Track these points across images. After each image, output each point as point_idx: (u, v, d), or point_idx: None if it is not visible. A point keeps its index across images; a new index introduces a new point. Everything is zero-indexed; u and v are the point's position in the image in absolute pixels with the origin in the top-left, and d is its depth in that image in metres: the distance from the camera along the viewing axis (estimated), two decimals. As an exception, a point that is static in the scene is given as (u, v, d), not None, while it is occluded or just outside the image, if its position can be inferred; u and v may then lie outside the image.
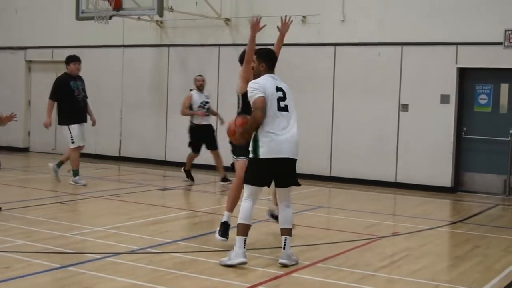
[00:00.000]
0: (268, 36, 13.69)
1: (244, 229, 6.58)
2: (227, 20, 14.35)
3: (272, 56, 6.89)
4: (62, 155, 12.15)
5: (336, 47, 13.23)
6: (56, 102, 11.78)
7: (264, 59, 6.80)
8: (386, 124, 12.73)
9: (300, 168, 7.67)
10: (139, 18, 14.50)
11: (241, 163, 7.24)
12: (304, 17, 13.49)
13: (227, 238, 7.27)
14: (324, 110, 13.30)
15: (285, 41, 13.30)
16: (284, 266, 6.61)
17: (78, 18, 14.19)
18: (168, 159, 15.14)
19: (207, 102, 12.33)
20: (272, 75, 6.79)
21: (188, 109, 12.28)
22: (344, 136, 13.14)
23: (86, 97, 12.00)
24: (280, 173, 6.73)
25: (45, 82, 17.03)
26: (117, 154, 15.62)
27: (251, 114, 6.63)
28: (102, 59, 15.88)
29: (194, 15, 14.20)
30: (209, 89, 12.98)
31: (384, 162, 12.75)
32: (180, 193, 11.54)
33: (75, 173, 11.71)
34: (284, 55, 13.45)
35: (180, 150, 14.83)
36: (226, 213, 7.35)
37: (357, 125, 12.99)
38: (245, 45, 14.19)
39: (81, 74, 12.12)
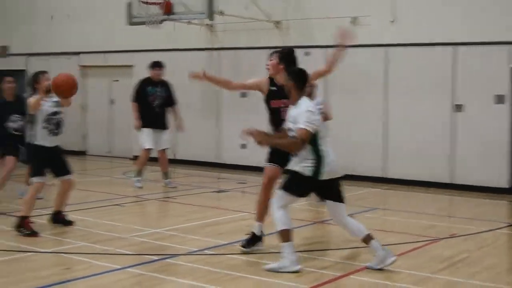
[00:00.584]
0: (317, 39, 13.79)
1: (290, 234, 6.50)
2: (277, 23, 14.37)
3: (305, 78, 6.69)
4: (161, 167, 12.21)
5: (387, 48, 13.13)
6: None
7: (296, 79, 6.63)
8: (440, 124, 12.57)
9: (353, 169, 7.66)
10: (189, 22, 14.62)
11: (268, 170, 7.19)
12: (354, 18, 13.41)
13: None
14: (376, 111, 13.21)
15: (334, 43, 13.41)
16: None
17: (129, 23, 14.38)
18: (222, 161, 15.24)
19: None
20: (305, 98, 6.65)
21: None
22: (398, 137, 13.03)
23: (171, 103, 12.07)
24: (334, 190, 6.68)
25: (98, 86, 17.41)
26: (171, 157, 15.76)
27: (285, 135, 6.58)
28: (154, 63, 16.08)
29: (244, 18, 14.26)
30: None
31: (439, 163, 12.59)
32: (235, 195, 11.59)
33: (138, 173, 11.86)
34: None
35: (233, 152, 14.94)
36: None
37: (410, 125, 12.87)
38: (295, 47, 14.30)
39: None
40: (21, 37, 18.72)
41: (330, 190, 6.60)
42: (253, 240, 7.19)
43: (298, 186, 6.51)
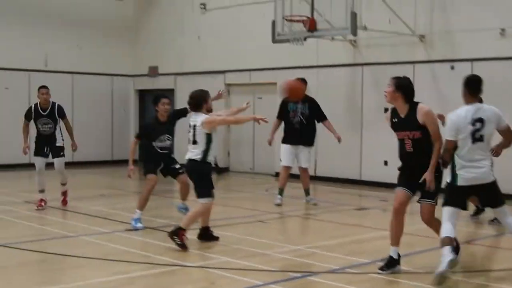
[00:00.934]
0: (464, 52, 13.33)
1: (451, 241, 6.54)
2: (422, 37, 14.06)
3: (475, 83, 6.89)
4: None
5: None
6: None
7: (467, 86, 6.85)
8: None
9: (503, 188, 7.30)
10: (332, 38, 14.63)
11: (399, 194, 7.17)
12: (502, 30, 12.87)
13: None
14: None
15: (481, 56, 12.92)
16: None
17: (274, 41, 14.56)
18: (363, 178, 15.06)
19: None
20: (474, 105, 6.74)
21: None
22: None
23: (319, 119, 12.14)
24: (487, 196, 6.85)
25: (243, 104, 17.75)
26: (312, 174, 15.80)
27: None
28: (296, 80, 16.18)
29: (387, 33, 14.07)
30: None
31: None
32: (377, 213, 11.41)
33: (279, 191, 11.99)
34: (482, 70, 13.03)
35: (374, 169, 14.73)
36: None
37: None
38: (440, 61, 13.81)
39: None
40: (170, 57, 19.55)
41: (484, 196, 6.85)
42: (391, 264, 7.05)
43: (449, 195, 6.78)
